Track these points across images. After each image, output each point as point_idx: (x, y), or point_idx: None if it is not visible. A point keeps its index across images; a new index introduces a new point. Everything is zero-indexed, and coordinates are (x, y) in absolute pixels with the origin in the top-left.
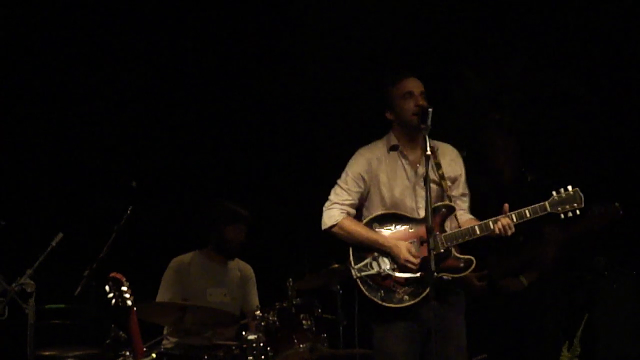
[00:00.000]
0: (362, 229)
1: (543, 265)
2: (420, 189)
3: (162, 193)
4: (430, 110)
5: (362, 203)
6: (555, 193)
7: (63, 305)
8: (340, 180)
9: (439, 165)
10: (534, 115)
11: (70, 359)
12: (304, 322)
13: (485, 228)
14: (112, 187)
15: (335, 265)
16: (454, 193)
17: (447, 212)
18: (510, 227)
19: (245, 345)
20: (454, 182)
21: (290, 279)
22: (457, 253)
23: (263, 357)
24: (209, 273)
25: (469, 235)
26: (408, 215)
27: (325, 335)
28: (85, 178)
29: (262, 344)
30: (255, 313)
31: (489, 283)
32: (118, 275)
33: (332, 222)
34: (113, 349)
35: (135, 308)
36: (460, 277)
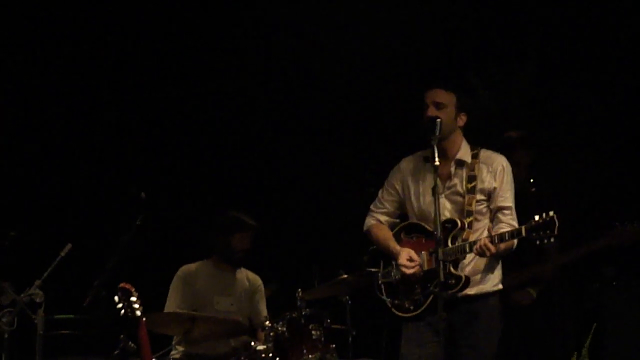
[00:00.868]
0: (382, 238)
1: (546, 280)
2: (448, 202)
3: (170, 204)
4: (439, 121)
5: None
6: (536, 217)
7: (72, 316)
8: (380, 189)
9: (473, 178)
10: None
11: None
12: (313, 332)
13: (469, 248)
14: (121, 198)
15: (344, 276)
16: (492, 207)
17: (451, 227)
18: (489, 248)
19: (255, 356)
20: (489, 195)
21: (300, 290)
22: (453, 270)
23: None
24: (216, 282)
25: (460, 253)
26: (427, 228)
27: (334, 346)
28: (95, 189)
29: (271, 355)
30: (265, 323)
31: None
32: (127, 286)
33: (365, 228)
34: (122, 359)
35: (145, 318)
36: (452, 294)
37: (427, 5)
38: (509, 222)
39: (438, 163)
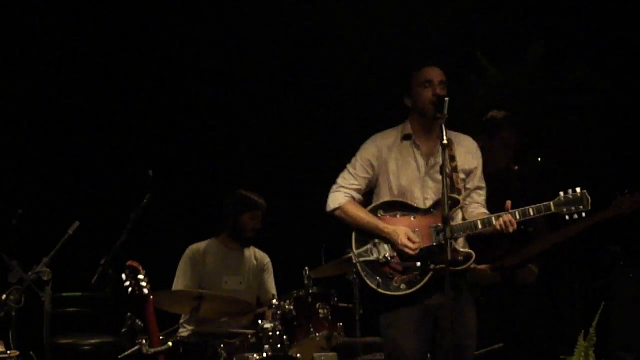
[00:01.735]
0: (364, 214)
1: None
2: (430, 180)
3: (178, 182)
4: (447, 100)
5: (372, 190)
6: (563, 194)
7: (79, 294)
8: (350, 165)
9: (453, 158)
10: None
11: (87, 347)
12: (321, 310)
13: (488, 223)
14: (129, 175)
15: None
16: (469, 186)
17: (452, 204)
18: (513, 224)
19: (262, 334)
20: (469, 174)
21: (307, 268)
22: (458, 246)
23: (279, 345)
24: (225, 261)
25: (471, 230)
26: (414, 205)
27: (342, 324)
28: (103, 166)
29: (278, 333)
30: (272, 302)
31: (503, 274)
32: (135, 264)
33: (335, 205)
34: (129, 338)
35: (152, 296)
36: (460, 270)
37: None
38: (483, 202)
39: (446, 142)
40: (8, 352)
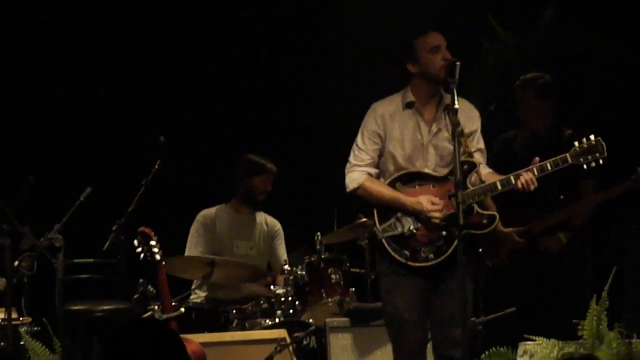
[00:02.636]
0: (384, 189)
1: (578, 224)
2: (431, 147)
3: (189, 147)
4: (458, 64)
5: None
6: (577, 143)
7: (91, 260)
8: (357, 140)
9: (458, 122)
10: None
11: (99, 314)
12: (333, 276)
13: (507, 183)
14: (140, 141)
15: (364, 220)
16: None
17: (468, 168)
18: (533, 181)
19: (274, 300)
20: (469, 137)
21: (319, 233)
22: (480, 209)
23: (291, 311)
24: (235, 226)
25: (491, 191)
26: (431, 174)
27: (354, 289)
28: (114, 132)
29: (290, 298)
30: (284, 267)
31: (529, 239)
32: (147, 230)
33: (354, 185)
34: (141, 304)
35: (164, 262)
36: (484, 233)
37: None
38: (484, 162)
39: (457, 106)
40: (20, 318)
